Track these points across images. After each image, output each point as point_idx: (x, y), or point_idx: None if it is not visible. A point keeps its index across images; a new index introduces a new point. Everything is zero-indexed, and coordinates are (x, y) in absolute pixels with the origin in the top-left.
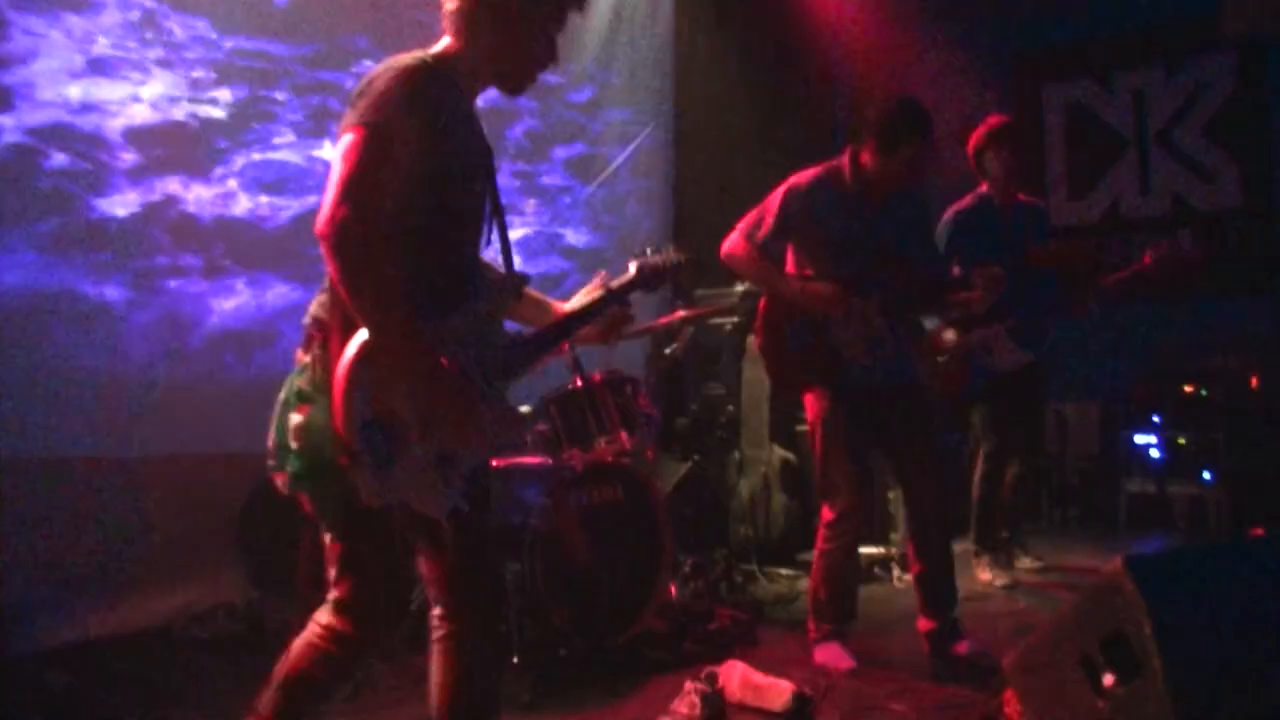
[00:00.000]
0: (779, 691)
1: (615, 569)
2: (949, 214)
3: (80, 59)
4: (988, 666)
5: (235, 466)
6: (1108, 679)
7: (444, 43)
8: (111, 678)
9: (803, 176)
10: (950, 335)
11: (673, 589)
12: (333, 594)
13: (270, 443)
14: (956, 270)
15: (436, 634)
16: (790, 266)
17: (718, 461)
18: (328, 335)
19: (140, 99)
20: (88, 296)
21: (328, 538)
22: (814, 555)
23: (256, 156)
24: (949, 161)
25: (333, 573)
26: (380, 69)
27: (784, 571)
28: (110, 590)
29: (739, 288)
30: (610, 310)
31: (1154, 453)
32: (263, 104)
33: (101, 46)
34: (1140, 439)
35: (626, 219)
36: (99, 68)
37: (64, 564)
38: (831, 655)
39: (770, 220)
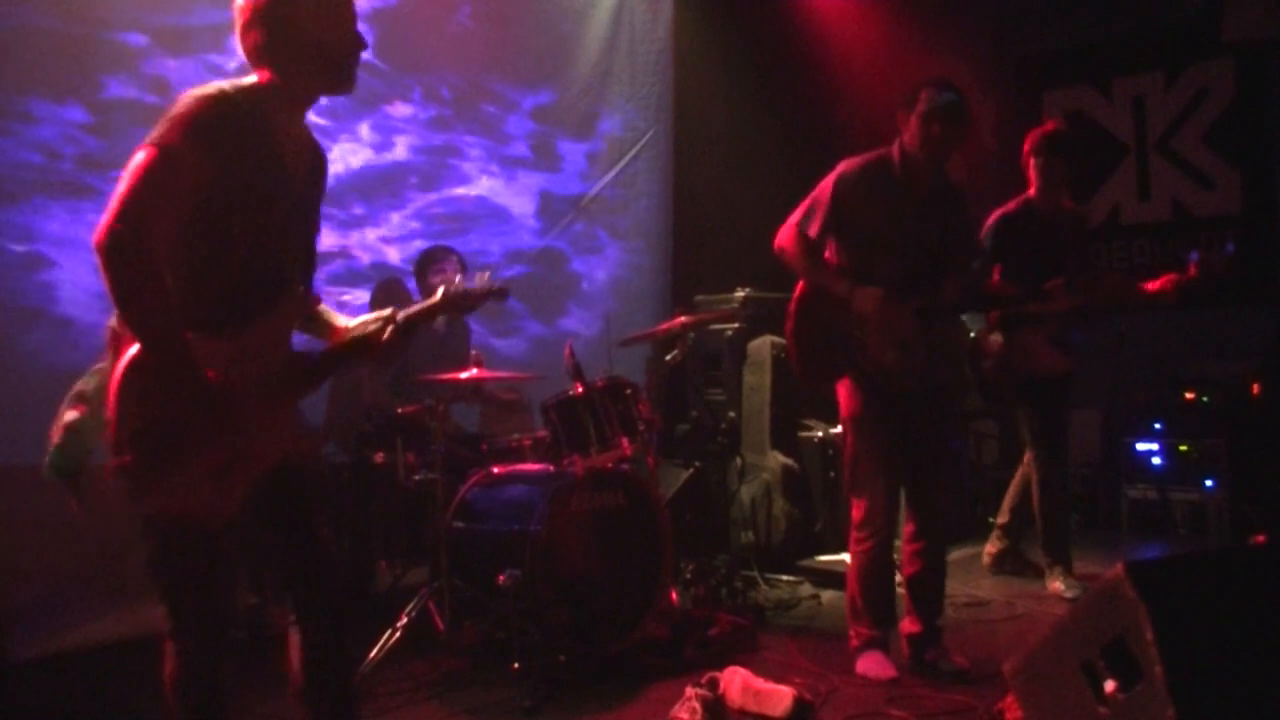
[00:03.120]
0: (780, 697)
1: (616, 575)
2: (993, 218)
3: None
4: (958, 673)
5: None
6: (1109, 685)
7: (251, 78)
8: (110, 683)
9: (853, 162)
10: (996, 339)
11: (674, 594)
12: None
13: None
14: (998, 275)
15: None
16: (830, 257)
17: (719, 467)
18: (115, 340)
19: None
20: None
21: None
22: (849, 559)
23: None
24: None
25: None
26: (183, 95)
27: (785, 577)
28: (109, 595)
29: (739, 294)
30: (385, 339)
31: (1155, 460)
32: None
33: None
34: (1142, 446)
35: (625, 224)
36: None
37: (63, 569)
38: (874, 665)
39: (822, 210)
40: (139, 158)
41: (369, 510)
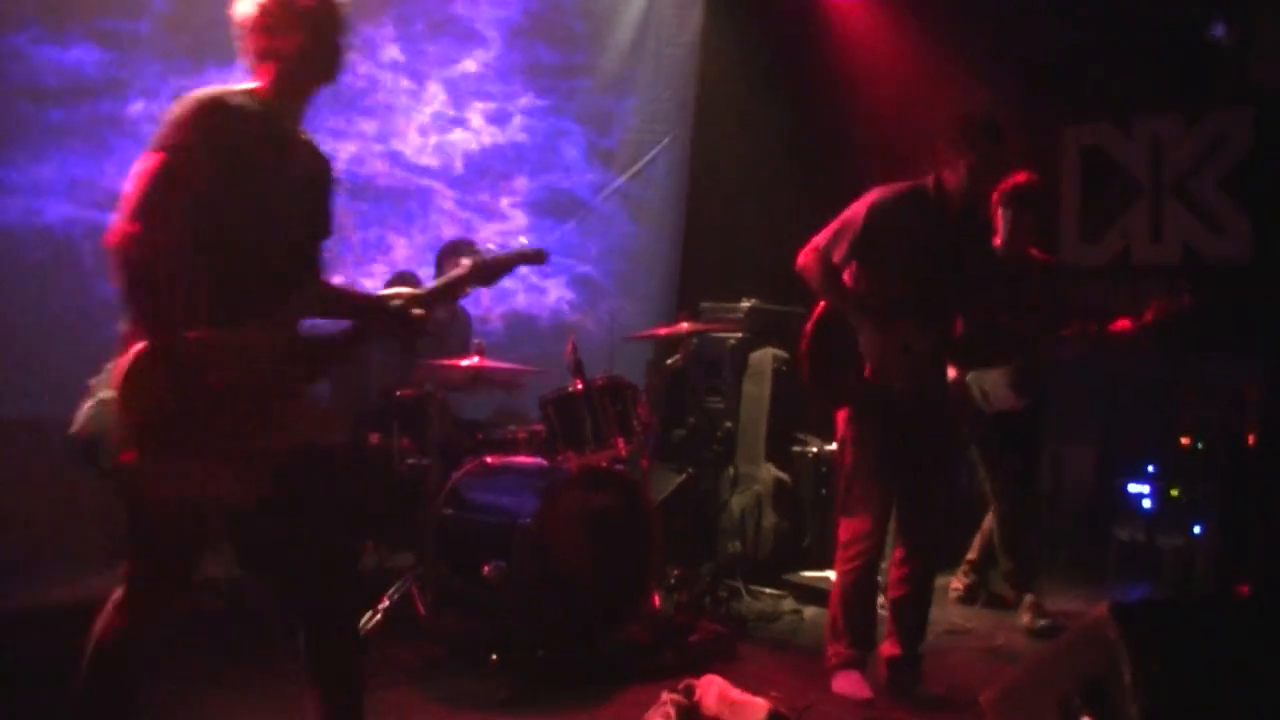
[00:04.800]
0: (755, 709)
1: (602, 574)
2: None
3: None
4: (934, 700)
5: None
6: None
7: (252, 84)
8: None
9: (889, 190)
10: (950, 373)
11: (657, 599)
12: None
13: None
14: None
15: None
16: (848, 279)
17: (712, 475)
18: (124, 334)
19: None
20: None
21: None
22: (834, 578)
23: None
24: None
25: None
26: (182, 99)
27: (769, 590)
28: (95, 557)
29: (745, 304)
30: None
31: (1145, 502)
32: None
33: None
34: (1133, 487)
35: (640, 226)
36: None
37: (49, 528)
38: (850, 685)
39: (851, 236)
40: (145, 162)
41: (360, 491)
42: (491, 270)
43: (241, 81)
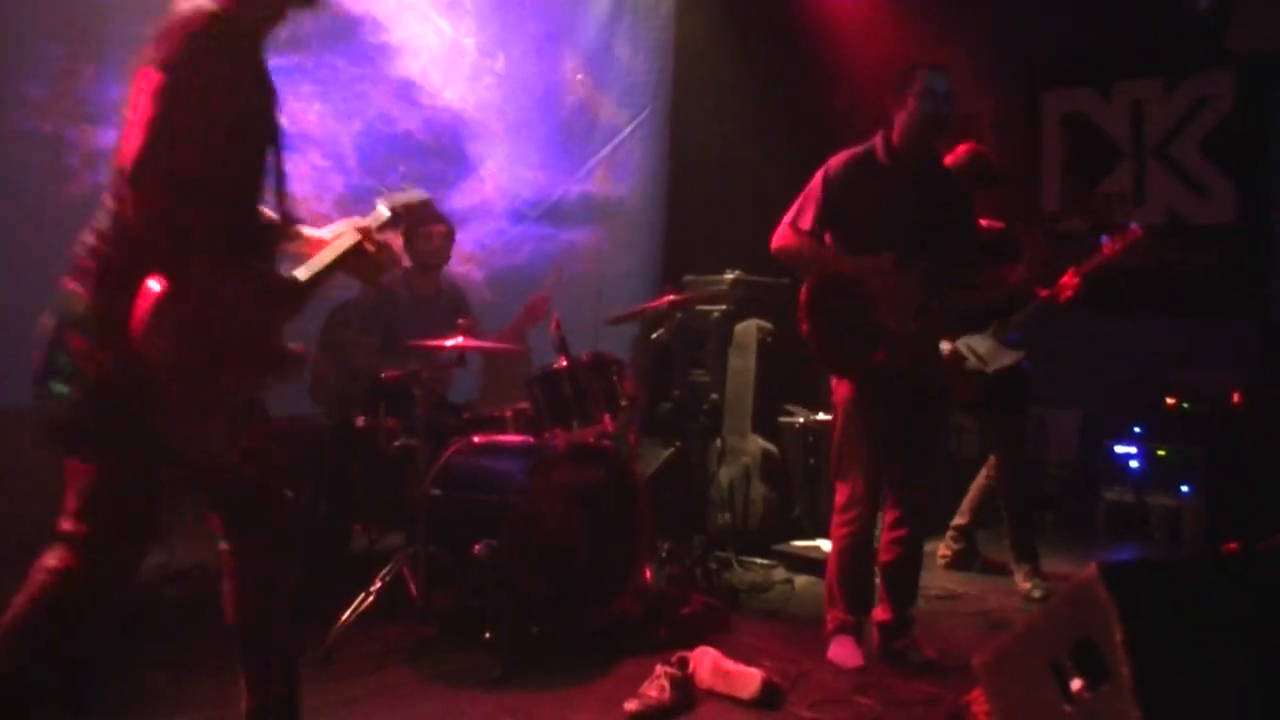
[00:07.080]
0: (748, 679)
1: (592, 550)
2: None
3: None
4: (926, 664)
5: None
6: (1076, 684)
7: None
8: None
9: (837, 157)
10: (946, 346)
11: (648, 572)
12: (71, 527)
13: (36, 370)
14: None
15: (226, 566)
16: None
17: (699, 448)
18: (108, 269)
19: None
20: None
21: (78, 466)
22: (829, 545)
23: None
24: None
25: (75, 504)
26: (181, 11)
27: (760, 561)
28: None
29: (728, 275)
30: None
31: (1133, 463)
32: None
33: None
34: (1120, 448)
35: (620, 200)
36: None
37: (43, 517)
38: (843, 651)
39: (813, 205)
40: (154, 81)
41: (348, 473)
42: (409, 214)
43: None
